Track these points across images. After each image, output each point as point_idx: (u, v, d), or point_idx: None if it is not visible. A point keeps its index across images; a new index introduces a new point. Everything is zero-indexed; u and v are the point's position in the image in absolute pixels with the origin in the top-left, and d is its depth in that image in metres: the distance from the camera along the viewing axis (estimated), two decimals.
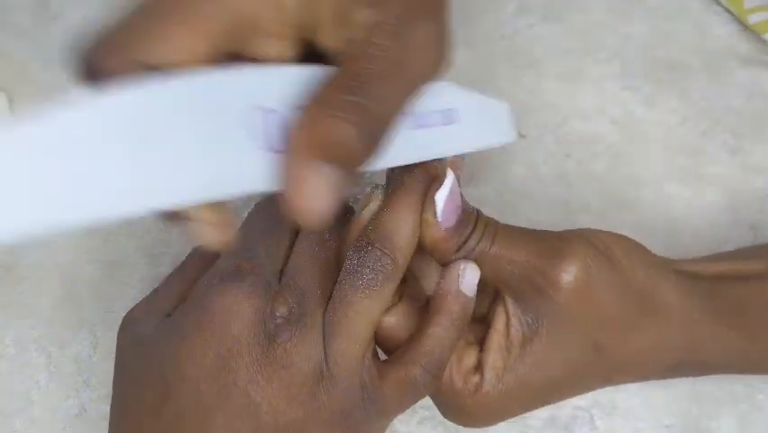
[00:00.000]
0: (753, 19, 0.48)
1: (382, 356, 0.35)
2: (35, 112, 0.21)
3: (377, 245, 0.33)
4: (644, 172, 0.47)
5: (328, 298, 0.33)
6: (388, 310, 0.34)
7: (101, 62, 0.25)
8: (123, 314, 0.37)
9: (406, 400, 0.34)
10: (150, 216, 0.45)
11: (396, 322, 0.34)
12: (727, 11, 0.50)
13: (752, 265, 0.38)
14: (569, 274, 0.33)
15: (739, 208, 0.46)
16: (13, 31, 0.49)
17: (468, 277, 0.34)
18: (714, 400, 0.43)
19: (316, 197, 0.26)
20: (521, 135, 0.48)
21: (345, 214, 0.36)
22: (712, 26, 0.50)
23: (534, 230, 0.35)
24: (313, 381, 0.32)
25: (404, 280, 0.34)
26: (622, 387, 0.43)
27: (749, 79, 0.48)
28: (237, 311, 0.32)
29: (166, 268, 0.38)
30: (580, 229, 0.36)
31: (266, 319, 0.32)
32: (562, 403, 0.43)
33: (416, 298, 0.36)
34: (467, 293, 0.34)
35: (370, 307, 0.33)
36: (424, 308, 0.35)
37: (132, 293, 0.44)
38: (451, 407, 0.36)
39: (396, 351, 0.35)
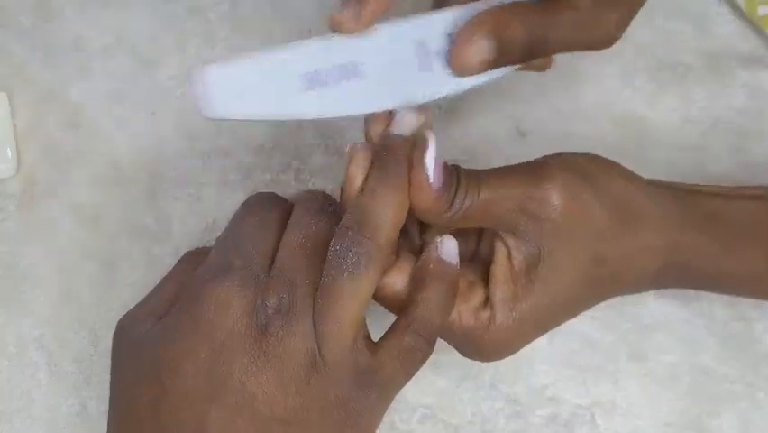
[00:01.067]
0: (762, 11, 0.48)
1: (374, 337, 0.35)
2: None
3: (356, 229, 0.33)
4: (645, 172, 0.47)
5: (317, 287, 0.34)
6: (386, 270, 0.35)
7: None
8: (124, 313, 0.37)
9: (402, 372, 0.35)
10: (150, 216, 0.45)
11: (394, 281, 0.35)
12: (734, 4, 0.49)
13: (726, 190, 0.40)
14: (556, 193, 0.35)
15: None
16: (13, 31, 0.49)
17: (446, 246, 0.36)
18: (714, 398, 0.43)
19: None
20: (522, 134, 0.48)
21: (333, 207, 0.36)
22: (713, 26, 0.50)
23: (511, 165, 0.36)
24: (306, 368, 0.32)
25: (401, 236, 0.35)
26: (622, 386, 0.43)
27: (750, 79, 0.48)
28: (228, 305, 0.33)
29: (166, 268, 0.38)
30: (552, 155, 0.37)
31: (258, 310, 0.33)
32: (562, 402, 0.43)
33: (413, 253, 0.37)
34: (448, 260, 0.35)
35: (355, 290, 0.33)
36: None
37: (132, 293, 0.44)
38: (468, 345, 0.37)
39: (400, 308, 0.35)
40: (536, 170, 0.35)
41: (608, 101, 0.48)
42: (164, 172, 0.47)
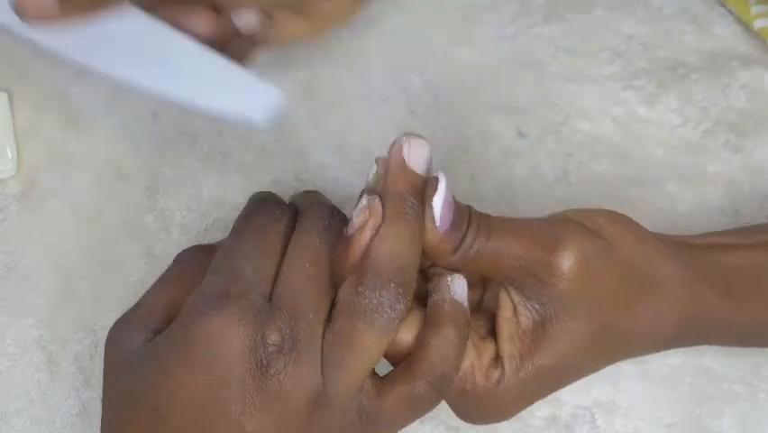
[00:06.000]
0: (758, 24, 0.48)
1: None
2: None
3: (398, 281, 0.31)
4: (645, 172, 0.47)
5: (323, 317, 0.32)
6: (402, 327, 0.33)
7: None
8: (131, 306, 0.37)
9: (408, 417, 0.33)
10: (150, 216, 0.45)
11: (404, 336, 0.33)
12: (732, 14, 0.50)
13: (742, 239, 0.39)
14: (567, 261, 0.33)
15: (741, 208, 0.46)
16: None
17: (457, 285, 0.34)
18: (715, 399, 0.43)
19: None
20: (522, 135, 0.48)
21: (340, 224, 0.34)
22: (714, 26, 0.50)
23: (528, 220, 0.35)
24: (308, 409, 0.31)
25: None
26: (623, 386, 0.43)
27: (751, 79, 0.48)
28: (226, 340, 0.31)
29: (166, 268, 0.38)
30: (571, 211, 0.36)
31: (257, 348, 0.31)
32: (563, 402, 0.43)
33: (421, 301, 0.35)
34: (460, 301, 0.34)
35: (382, 344, 0.32)
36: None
37: (132, 293, 0.44)
38: (474, 408, 0.35)
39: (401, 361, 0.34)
40: (551, 233, 0.34)
41: (609, 101, 0.48)
42: (164, 172, 0.47)
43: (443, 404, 0.42)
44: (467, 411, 0.36)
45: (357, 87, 0.49)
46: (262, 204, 0.35)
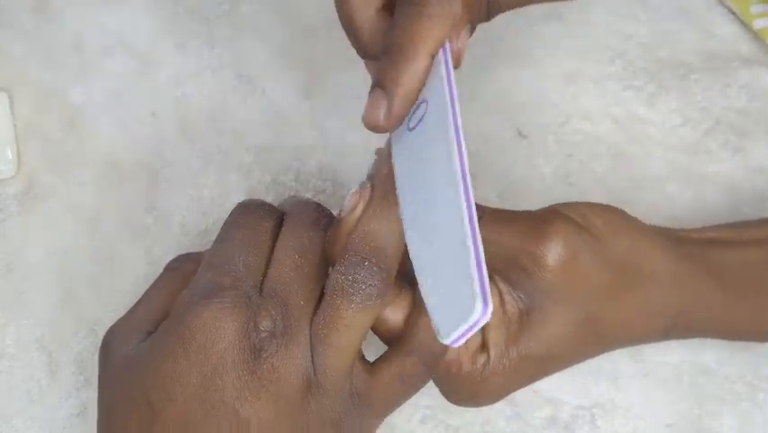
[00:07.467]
0: (758, 24, 0.48)
1: (369, 357, 0.35)
2: None
3: (373, 260, 0.32)
4: (645, 172, 0.47)
5: (313, 306, 0.33)
6: (392, 305, 0.34)
7: None
8: (124, 313, 0.37)
9: (400, 396, 0.34)
10: (150, 216, 0.45)
11: (396, 315, 0.35)
12: (732, 13, 0.50)
13: (739, 234, 0.40)
14: (552, 254, 0.34)
15: (741, 208, 0.46)
16: (13, 31, 0.49)
17: None
18: (715, 399, 0.43)
19: None
20: (522, 135, 0.48)
21: (327, 219, 0.35)
22: (714, 26, 0.50)
23: (517, 211, 0.35)
24: (301, 392, 0.32)
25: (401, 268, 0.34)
26: (623, 387, 0.43)
27: (751, 79, 0.48)
28: (219, 328, 0.32)
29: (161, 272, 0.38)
30: (560, 204, 0.36)
31: (250, 334, 0.32)
32: (562, 403, 0.43)
33: (411, 283, 0.35)
34: None
35: (363, 321, 0.32)
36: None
37: (132, 293, 0.44)
38: (458, 390, 0.36)
39: (393, 340, 0.35)
40: (538, 225, 0.34)
41: (609, 101, 0.48)
42: (164, 173, 0.47)
43: (444, 404, 0.42)
44: (452, 393, 0.37)
45: (357, 86, 0.49)
46: (250, 205, 0.36)
